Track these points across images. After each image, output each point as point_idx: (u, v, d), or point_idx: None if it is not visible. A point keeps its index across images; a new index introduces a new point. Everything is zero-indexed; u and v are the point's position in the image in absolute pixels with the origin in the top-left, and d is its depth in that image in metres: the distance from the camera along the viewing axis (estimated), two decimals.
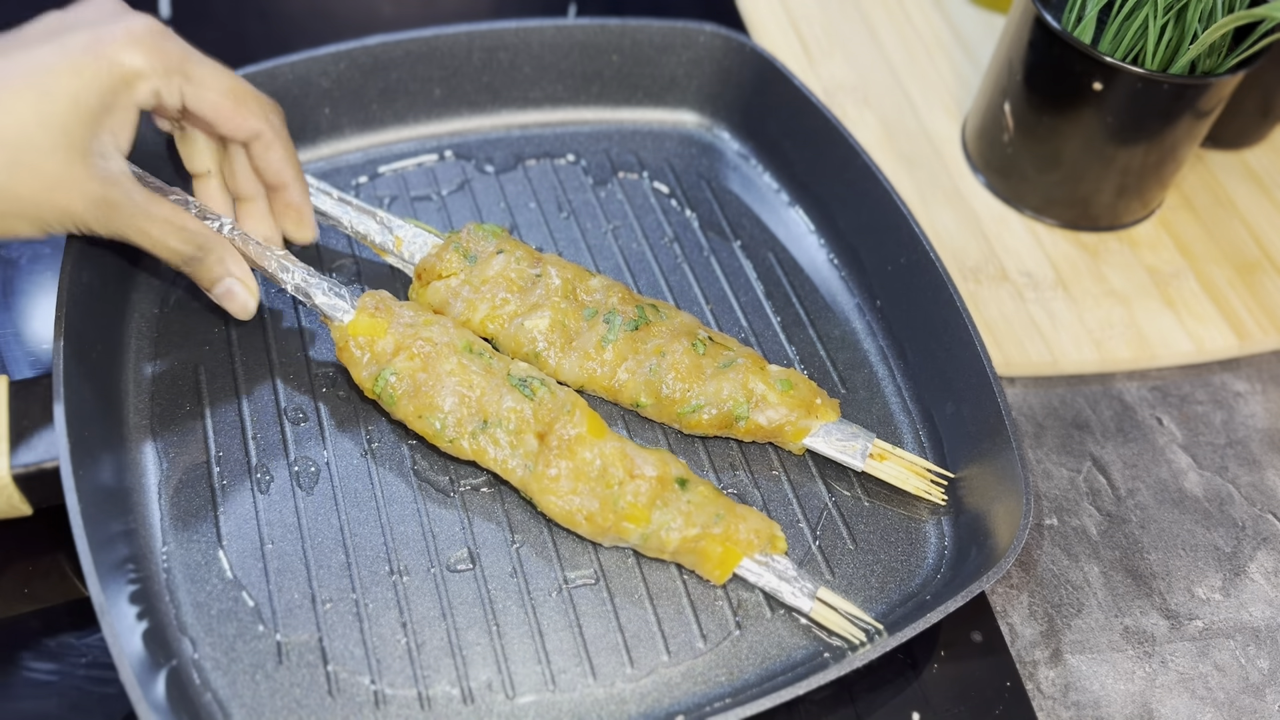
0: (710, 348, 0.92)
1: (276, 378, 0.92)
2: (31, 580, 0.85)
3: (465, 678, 0.80)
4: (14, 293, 1.00)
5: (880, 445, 0.91)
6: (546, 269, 0.95)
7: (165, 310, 0.95)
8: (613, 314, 0.92)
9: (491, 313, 0.93)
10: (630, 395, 0.92)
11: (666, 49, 1.13)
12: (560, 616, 0.83)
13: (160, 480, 0.86)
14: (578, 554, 0.86)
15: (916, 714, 0.83)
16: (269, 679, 0.78)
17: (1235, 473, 1.00)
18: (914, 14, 1.32)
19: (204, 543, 0.84)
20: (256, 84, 1.01)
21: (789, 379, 0.91)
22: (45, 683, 0.81)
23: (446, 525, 0.86)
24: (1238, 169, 1.22)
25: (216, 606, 0.81)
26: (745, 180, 1.12)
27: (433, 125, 1.12)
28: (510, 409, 0.86)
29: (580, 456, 0.84)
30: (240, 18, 1.27)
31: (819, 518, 0.90)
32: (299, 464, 0.88)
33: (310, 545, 0.84)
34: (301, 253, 1.00)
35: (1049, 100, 1.06)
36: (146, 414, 0.89)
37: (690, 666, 0.82)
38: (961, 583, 0.83)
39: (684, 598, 0.85)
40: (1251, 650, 0.90)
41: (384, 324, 0.88)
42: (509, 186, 1.08)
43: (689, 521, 0.83)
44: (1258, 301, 1.10)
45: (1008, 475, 0.87)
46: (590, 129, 1.14)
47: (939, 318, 0.96)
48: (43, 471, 0.81)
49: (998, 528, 0.85)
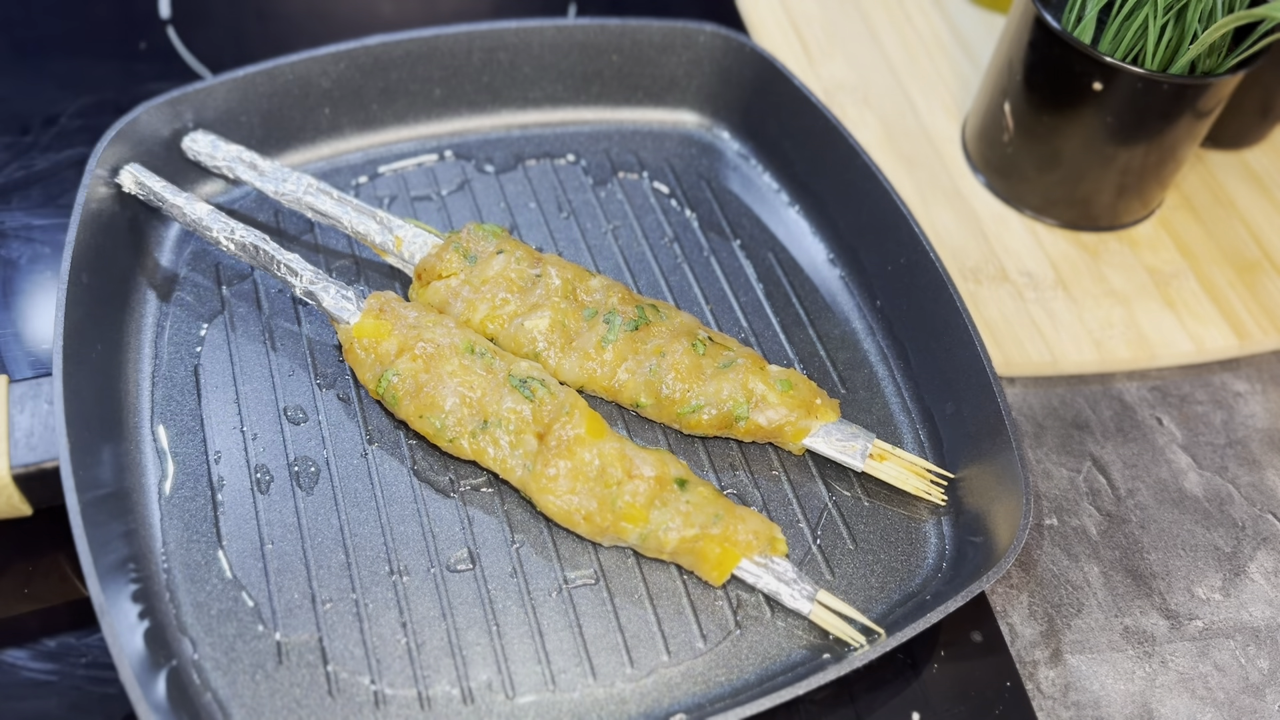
0: (710, 348, 0.92)
1: (275, 378, 0.93)
2: (32, 580, 0.85)
3: (465, 678, 0.80)
4: (14, 293, 1.00)
5: (880, 445, 0.91)
6: (546, 269, 0.95)
7: (165, 311, 0.95)
8: (613, 314, 0.92)
9: (491, 313, 0.93)
10: (630, 395, 0.92)
11: (667, 49, 1.13)
12: (560, 616, 0.83)
13: (160, 480, 0.86)
14: (578, 554, 0.86)
15: (916, 714, 0.83)
16: (269, 679, 0.78)
17: (1235, 473, 1.00)
18: (914, 14, 1.32)
19: (204, 543, 0.84)
20: (256, 84, 1.03)
21: (789, 379, 0.91)
22: (45, 683, 0.81)
23: (446, 525, 0.86)
24: (1238, 169, 1.21)
25: (216, 606, 0.81)
26: (745, 180, 1.12)
27: (433, 125, 1.12)
28: (510, 409, 0.86)
29: (579, 456, 0.85)
30: (240, 18, 1.27)
31: (819, 518, 0.90)
32: (299, 464, 0.88)
33: (310, 545, 0.84)
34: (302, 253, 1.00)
35: (1049, 100, 1.06)
36: (146, 414, 0.89)
37: (690, 666, 0.82)
38: (961, 582, 0.83)
39: (684, 598, 0.85)
40: (1251, 650, 0.90)
41: (388, 326, 0.89)
42: (509, 186, 1.08)
43: (687, 522, 0.83)
44: (1258, 301, 1.10)
45: (1008, 475, 0.87)
46: (590, 129, 1.14)
47: (939, 317, 0.96)
48: (43, 471, 0.81)
49: (998, 527, 0.86)
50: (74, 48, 1.21)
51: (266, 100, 1.04)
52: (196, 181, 1.03)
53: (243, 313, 0.96)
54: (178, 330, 0.94)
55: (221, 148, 1.00)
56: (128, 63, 1.20)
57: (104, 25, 1.24)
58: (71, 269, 0.88)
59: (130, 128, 0.97)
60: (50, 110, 1.14)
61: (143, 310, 0.95)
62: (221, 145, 1.01)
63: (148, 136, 0.99)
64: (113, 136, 0.96)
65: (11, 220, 1.05)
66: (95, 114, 1.14)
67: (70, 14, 1.24)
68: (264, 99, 1.04)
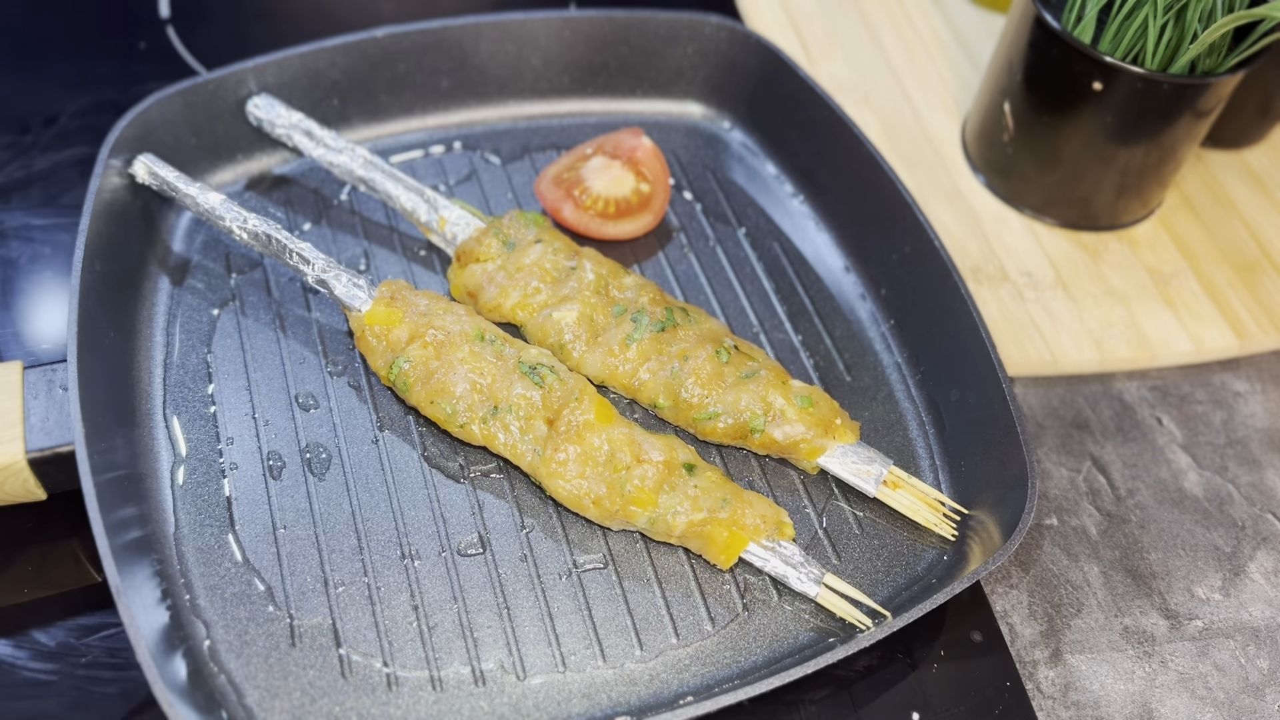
0: (735, 357, 0.92)
1: (286, 365, 0.93)
2: (45, 565, 0.86)
3: (477, 659, 0.80)
4: (14, 293, 1.00)
5: (896, 473, 0.90)
6: (582, 262, 0.95)
7: (177, 298, 0.96)
8: (640, 313, 0.93)
9: (523, 300, 0.94)
10: (649, 395, 0.92)
11: (672, 41, 1.13)
12: (570, 600, 0.83)
13: (173, 465, 0.87)
14: (587, 538, 0.87)
15: (916, 714, 0.84)
16: (282, 661, 0.79)
17: (1235, 473, 1.00)
18: (914, 14, 1.33)
19: (216, 527, 0.84)
20: (265, 76, 1.04)
21: (810, 396, 0.91)
22: (45, 683, 0.81)
23: (457, 510, 0.87)
24: (1238, 169, 1.22)
25: (230, 590, 0.81)
26: (750, 171, 1.12)
27: (440, 116, 1.12)
28: (520, 395, 0.87)
29: (588, 442, 0.85)
30: (240, 17, 1.27)
31: (825, 503, 0.90)
32: (310, 450, 0.89)
33: (322, 530, 0.85)
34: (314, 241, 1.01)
35: (1049, 100, 1.06)
36: (159, 400, 0.90)
37: (698, 649, 0.82)
38: (966, 565, 0.84)
39: (692, 581, 0.85)
40: (1251, 650, 0.90)
41: (399, 313, 0.89)
42: (516, 177, 1.09)
43: (695, 506, 0.84)
44: (1258, 301, 1.10)
45: (1012, 457, 0.87)
46: (596, 120, 1.15)
47: (944, 306, 0.96)
48: (58, 455, 0.82)
49: (1003, 509, 0.86)
50: (74, 48, 1.21)
51: (275, 92, 1.04)
52: (207, 171, 1.04)
53: (254, 300, 0.97)
54: (190, 317, 0.95)
55: (283, 114, 1.02)
56: (128, 63, 1.21)
57: (104, 25, 1.24)
58: (85, 256, 0.88)
59: (141, 118, 0.98)
60: (50, 110, 1.14)
61: (155, 298, 0.96)
62: (283, 111, 1.03)
63: (158, 126, 0.99)
64: (124, 127, 0.96)
65: (11, 220, 1.05)
66: (95, 114, 1.14)
67: (70, 14, 1.24)
68: (272, 91, 1.04)
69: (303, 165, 1.07)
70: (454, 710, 0.78)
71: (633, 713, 0.79)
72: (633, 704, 0.79)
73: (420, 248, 1.02)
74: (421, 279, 1.00)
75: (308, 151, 1.01)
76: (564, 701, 0.79)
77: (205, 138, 1.03)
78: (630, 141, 1.06)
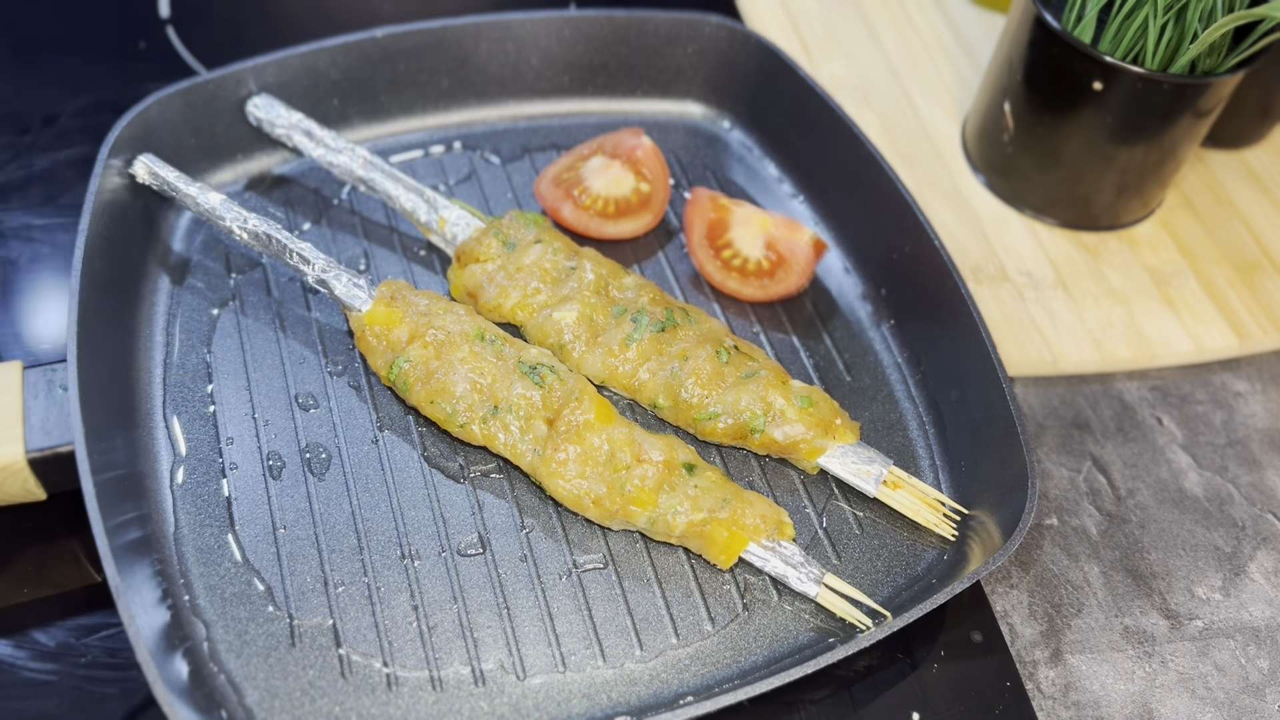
0: (735, 357, 0.92)
1: (286, 365, 0.93)
2: (45, 566, 0.85)
3: (477, 659, 0.80)
4: (14, 293, 1.00)
5: (896, 473, 0.90)
6: (582, 262, 0.95)
7: (177, 297, 0.96)
8: (640, 313, 0.93)
9: (523, 300, 0.94)
10: (649, 395, 0.92)
11: (672, 40, 1.13)
12: (570, 600, 0.83)
13: (173, 465, 0.87)
14: (587, 538, 0.87)
15: (916, 714, 0.84)
16: (282, 661, 0.79)
17: (1235, 473, 1.00)
18: (914, 14, 1.33)
19: (216, 527, 0.84)
20: (265, 76, 1.04)
21: (810, 396, 0.91)
22: (45, 683, 0.81)
23: (457, 510, 0.87)
24: (1238, 169, 1.22)
25: (229, 590, 0.81)
26: (750, 171, 1.12)
27: (440, 116, 1.12)
28: (520, 395, 0.87)
29: (588, 441, 0.85)
30: (240, 17, 1.27)
31: (825, 503, 0.90)
32: (310, 450, 0.89)
33: (322, 530, 0.85)
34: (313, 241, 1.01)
35: (1049, 100, 1.06)
36: (159, 400, 0.90)
37: (698, 649, 0.82)
38: (966, 565, 0.84)
39: (692, 581, 0.85)
40: (1251, 650, 0.90)
41: (399, 313, 0.89)
42: (516, 177, 1.09)
43: (695, 506, 0.84)
44: (1258, 301, 1.10)
45: (1012, 456, 0.87)
46: (596, 120, 1.15)
47: (944, 306, 0.96)
48: (57, 455, 0.82)
49: (1003, 509, 0.86)
50: (74, 48, 1.21)
51: (275, 92, 1.04)
52: (207, 171, 1.04)
53: (254, 300, 0.97)
54: (189, 317, 0.95)
55: (283, 114, 1.02)
56: (128, 63, 1.20)
57: (104, 25, 1.24)
58: (85, 256, 0.88)
59: (141, 118, 0.98)
60: (50, 110, 1.14)
61: (155, 297, 0.95)
62: (283, 111, 1.02)
63: (158, 126, 0.99)
64: (124, 126, 0.96)
65: (11, 220, 1.05)
66: (95, 114, 1.14)
67: (70, 14, 1.24)
68: (272, 91, 1.04)
69: (303, 165, 1.07)
70: (454, 710, 0.78)
71: (633, 713, 0.79)
72: (633, 704, 0.79)
73: (420, 248, 1.02)
74: (421, 279, 1.00)
75: (308, 151, 1.01)
76: (564, 701, 0.79)
77: (205, 138, 1.03)
78: (630, 141, 1.06)
